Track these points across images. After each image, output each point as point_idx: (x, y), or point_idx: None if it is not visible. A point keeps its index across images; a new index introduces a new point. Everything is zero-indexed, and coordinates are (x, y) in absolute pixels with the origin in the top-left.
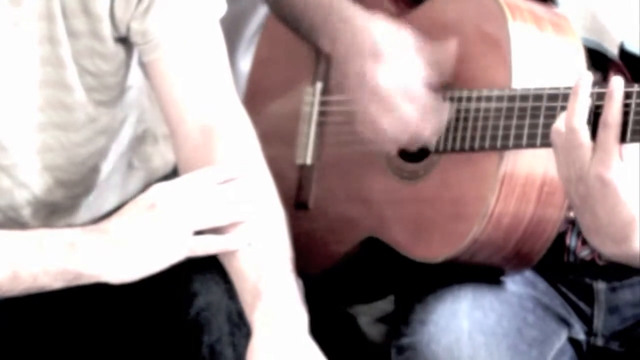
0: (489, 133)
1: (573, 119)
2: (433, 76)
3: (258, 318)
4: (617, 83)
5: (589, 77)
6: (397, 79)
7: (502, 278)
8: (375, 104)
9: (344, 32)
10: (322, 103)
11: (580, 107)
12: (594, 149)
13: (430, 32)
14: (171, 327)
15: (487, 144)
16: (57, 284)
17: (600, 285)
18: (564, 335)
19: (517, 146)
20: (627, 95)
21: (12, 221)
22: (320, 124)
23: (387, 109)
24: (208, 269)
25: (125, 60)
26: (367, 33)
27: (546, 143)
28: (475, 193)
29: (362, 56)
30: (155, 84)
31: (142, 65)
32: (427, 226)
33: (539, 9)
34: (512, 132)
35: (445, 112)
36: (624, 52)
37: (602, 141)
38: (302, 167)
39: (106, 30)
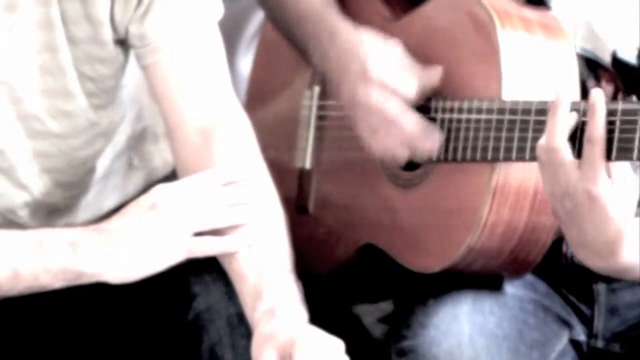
0: (479, 144)
1: (553, 138)
2: (421, 88)
3: (259, 317)
4: (597, 96)
5: (568, 93)
6: (389, 96)
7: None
8: (372, 124)
9: (333, 49)
10: (320, 107)
11: (560, 125)
12: (579, 165)
13: (422, 39)
14: (171, 328)
15: (478, 155)
16: (57, 283)
17: (600, 287)
18: (565, 337)
19: (507, 159)
20: (612, 113)
21: (10, 223)
22: (319, 128)
23: (385, 127)
24: (208, 271)
25: (123, 63)
26: (354, 53)
27: (535, 157)
28: (469, 203)
29: (351, 79)
30: (154, 87)
31: (141, 68)
32: (422, 236)
33: (530, 12)
34: (502, 144)
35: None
36: (616, 60)
37: (588, 157)
38: (302, 171)
39: (107, 34)
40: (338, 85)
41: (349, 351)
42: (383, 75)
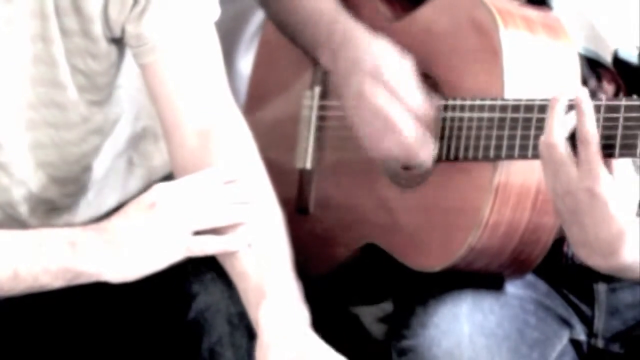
0: (482, 143)
1: (551, 135)
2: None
3: (263, 316)
4: (582, 95)
5: (568, 91)
6: (394, 100)
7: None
8: (376, 124)
9: (346, 49)
10: (321, 107)
11: (557, 122)
12: (578, 163)
13: (424, 39)
14: (171, 328)
15: (480, 154)
16: (57, 283)
17: (601, 287)
18: (565, 337)
19: (510, 157)
20: (615, 109)
21: (11, 218)
22: (320, 129)
23: (385, 130)
24: (207, 270)
25: (117, 61)
26: (369, 53)
27: (537, 155)
28: (470, 202)
29: (362, 74)
30: (150, 87)
31: (138, 67)
32: (424, 235)
33: (532, 12)
34: (505, 142)
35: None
36: (617, 60)
37: (585, 156)
38: (302, 172)
39: (97, 30)
40: (345, 82)
41: (349, 351)
42: (394, 79)
